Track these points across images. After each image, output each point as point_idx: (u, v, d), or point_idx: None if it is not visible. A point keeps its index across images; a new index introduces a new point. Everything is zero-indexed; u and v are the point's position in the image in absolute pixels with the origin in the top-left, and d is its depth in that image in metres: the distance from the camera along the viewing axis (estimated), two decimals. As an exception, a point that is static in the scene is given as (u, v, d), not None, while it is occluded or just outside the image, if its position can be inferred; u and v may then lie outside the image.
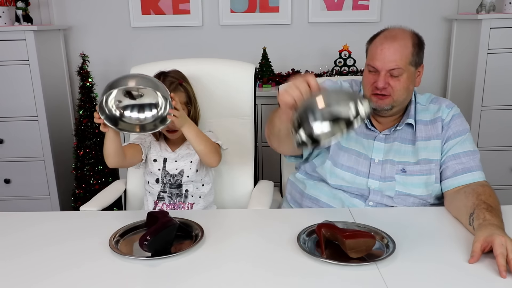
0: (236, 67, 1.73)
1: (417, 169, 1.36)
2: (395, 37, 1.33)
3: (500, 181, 2.53)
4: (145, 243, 1.04)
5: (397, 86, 1.33)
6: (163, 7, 2.72)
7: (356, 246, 1.01)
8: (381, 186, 1.36)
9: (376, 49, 1.34)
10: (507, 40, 2.35)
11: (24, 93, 2.40)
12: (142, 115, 1.31)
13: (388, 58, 1.31)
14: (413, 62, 1.34)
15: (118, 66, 2.77)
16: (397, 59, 1.31)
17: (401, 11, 2.71)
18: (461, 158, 1.35)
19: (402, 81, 1.33)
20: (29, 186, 2.53)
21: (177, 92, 1.47)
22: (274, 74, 2.67)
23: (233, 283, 0.95)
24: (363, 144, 1.40)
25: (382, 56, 1.32)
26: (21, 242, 1.14)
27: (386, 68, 1.32)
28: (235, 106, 1.71)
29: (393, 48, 1.32)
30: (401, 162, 1.37)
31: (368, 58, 1.38)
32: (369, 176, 1.37)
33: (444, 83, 2.85)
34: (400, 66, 1.31)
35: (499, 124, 2.46)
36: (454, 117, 1.41)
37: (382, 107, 1.36)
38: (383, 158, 1.38)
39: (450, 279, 0.94)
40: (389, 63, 1.31)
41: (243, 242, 1.13)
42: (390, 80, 1.33)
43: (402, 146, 1.39)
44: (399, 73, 1.32)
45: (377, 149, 1.39)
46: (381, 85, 1.32)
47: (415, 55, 1.35)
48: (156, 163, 1.54)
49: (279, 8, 2.73)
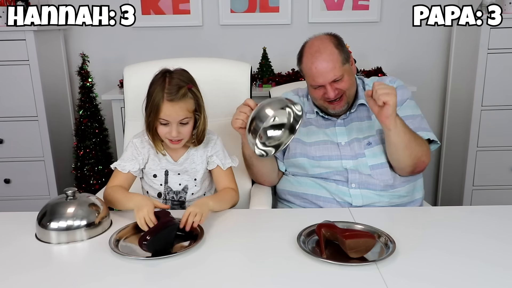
0: (232, 66, 1.74)
1: (378, 138, 1.49)
2: (319, 50, 1.44)
3: (500, 181, 2.53)
4: (144, 242, 1.04)
5: (345, 86, 1.45)
6: (163, 7, 2.72)
7: (356, 246, 1.01)
8: (355, 164, 1.47)
9: (310, 70, 1.45)
10: (507, 40, 2.35)
11: (24, 93, 2.40)
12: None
13: (325, 71, 1.42)
14: (344, 60, 1.45)
15: (118, 66, 2.76)
16: (332, 69, 1.42)
17: (401, 11, 2.71)
18: None
19: (345, 81, 1.45)
20: (29, 186, 2.53)
21: (186, 99, 1.30)
22: (274, 74, 2.67)
23: (233, 283, 0.95)
24: (326, 133, 1.54)
25: (319, 73, 1.43)
26: (22, 242, 1.14)
27: (328, 80, 1.43)
28: (231, 106, 1.70)
29: (324, 61, 1.42)
30: (365, 138, 1.50)
31: (308, 78, 1.49)
32: (341, 157, 1.48)
33: (444, 83, 2.85)
34: (339, 73, 1.43)
35: (499, 124, 2.46)
36: (397, 89, 1.43)
37: (340, 110, 1.50)
38: (348, 139, 1.51)
39: (450, 278, 0.94)
40: (328, 76, 1.43)
41: (243, 242, 1.13)
42: (336, 85, 1.44)
43: (361, 124, 1.52)
44: (340, 78, 1.44)
45: (340, 133, 1.53)
46: (333, 96, 1.45)
47: (342, 53, 1.45)
48: (157, 178, 1.41)
49: (279, 8, 2.72)
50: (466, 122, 2.52)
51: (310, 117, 1.58)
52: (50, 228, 1.13)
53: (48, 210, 1.16)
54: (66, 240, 1.13)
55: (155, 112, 1.29)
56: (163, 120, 1.30)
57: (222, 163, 1.42)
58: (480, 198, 2.54)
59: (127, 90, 1.70)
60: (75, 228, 1.13)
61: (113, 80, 2.78)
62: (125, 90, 1.72)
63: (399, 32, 2.76)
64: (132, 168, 1.39)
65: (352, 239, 1.01)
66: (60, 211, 1.15)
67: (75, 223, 1.14)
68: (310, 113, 1.59)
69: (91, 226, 1.16)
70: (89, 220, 1.16)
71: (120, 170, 1.39)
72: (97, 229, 1.17)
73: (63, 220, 1.13)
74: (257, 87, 2.62)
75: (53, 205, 1.17)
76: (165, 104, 1.28)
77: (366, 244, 1.02)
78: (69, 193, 1.18)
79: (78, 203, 1.17)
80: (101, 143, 2.62)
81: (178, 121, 1.30)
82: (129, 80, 1.71)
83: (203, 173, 1.43)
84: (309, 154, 1.52)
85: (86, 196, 1.22)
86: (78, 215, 1.15)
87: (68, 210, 1.15)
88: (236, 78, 1.70)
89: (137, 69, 1.72)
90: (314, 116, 1.58)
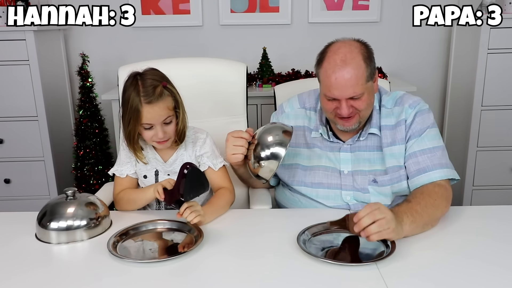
0: (227, 66, 1.74)
1: (388, 179, 1.32)
2: (344, 61, 1.24)
3: (500, 181, 2.53)
4: (188, 167, 1.14)
5: (361, 106, 1.27)
6: (163, 7, 2.72)
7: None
8: (355, 196, 1.33)
9: (329, 79, 1.25)
10: (507, 40, 2.35)
11: (24, 93, 2.40)
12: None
13: (345, 86, 1.23)
14: (368, 77, 1.26)
15: (118, 66, 2.74)
16: (353, 85, 1.23)
17: (401, 11, 2.71)
18: (417, 157, 1.29)
19: (364, 100, 1.27)
20: (29, 186, 2.53)
21: (164, 98, 1.26)
22: (274, 74, 2.67)
23: (233, 284, 0.95)
24: (329, 157, 1.38)
25: (338, 86, 1.24)
26: (22, 242, 1.14)
27: (345, 96, 1.25)
28: (227, 106, 1.71)
29: (347, 74, 1.23)
30: (371, 172, 1.33)
31: (323, 87, 1.29)
32: (341, 187, 1.34)
33: (444, 83, 2.85)
34: (359, 91, 1.24)
35: (499, 124, 2.46)
36: (416, 115, 1.33)
37: (350, 128, 1.32)
38: (352, 168, 1.35)
39: (450, 279, 0.94)
40: (347, 92, 1.24)
41: (243, 242, 1.13)
42: (352, 102, 1.27)
43: (370, 154, 1.35)
44: (359, 96, 1.26)
45: (344, 160, 1.36)
46: (346, 114, 1.27)
47: (368, 69, 1.26)
48: (147, 179, 1.39)
49: (279, 8, 2.72)
50: (466, 122, 2.52)
51: (315, 136, 1.41)
52: (50, 228, 1.13)
53: (48, 210, 1.16)
54: (66, 240, 1.13)
55: (136, 118, 1.25)
56: (146, 125, 1.26)
57: (213, 163, 1.39)
58: (480, 198, 2.54)
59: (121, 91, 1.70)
60: (75, 228, 1.13)
61: (113, 80, 2.77)
62: (119, 91, 1.71)
63: (399, 32, 2.76)
64: (129, 171, 1.38)
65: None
66: (60, 211, 1.15)
67: (75, 223, 1.14)
68: (315, 131, 1.41)
69: (91, 226, 1.16)
70: (89, 220, 1.16)
71: (119, 175, 1.39)
72: (97, 229, 1.17)
73: (63, 220, 1.13)
74: (257, 87, 2.62)
75: (53, 205, 1.17)
76: (144, 108, 1.23)
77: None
78: (69, 193, 1.18)
79: (78, 203, 1.17)
80: (101, 143, 2.62)
81: (162, 122, 1.26)
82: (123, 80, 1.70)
83: None
84: (305, 180, 1.39)
85: (86, 196, 1.22)
86: (78, 215, 1.15)
87: (68, 210, 1.15)
88: (232, 78, 1.70)
89: (132, 70, 1.72)
90: (319, 136, 1.40)
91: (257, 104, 2.48)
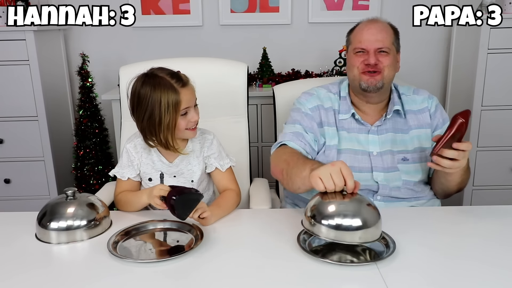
0: (228, 66, 1.73)
1: (417, 157, 1.42)
2: (376, 21, 1.43)
3: (500, 181, 2.53)
4: (173, 198, 1.13)
5: (386, 62, 1.39)
6: (163, 7, 2.72)
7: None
8: (387, 177, 1.39)
9: (361, 32, 1.41)
10: (507, 40, 2.35)
11: (24, 93, 2.40)
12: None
13: (375, 37, 1.39)
14: (395, 44, 1.43)
15: (118, 66, 2.73)
16: (383, 38, 1.39)
17: (401, 11, 2.71)
18: None
19: (390, 58, 1.40)
20: (29, 186, 2.53)
21: (188, 87, 1.30)
22: (274, 74, 2.67)
23: (233, 284, 0.95)
24: (359, 139, 1.44)
25: (368, 36, 1.39)
26: (22, 242, 1.14)
27: (375, 47, 1.39)
28: (228, 105, 1.71)
29: (378, 28, 1.40)
30: (400, 152, 1.42)
31: (354, 42, 1.43)
32: (372, 169, 1.40)
33: (444, 83, 2.85)
34: (387, 45, 1.39)
35: (499, 124, 2.46)
36: (437, 107, 1.49)
37: (374, 84, 1.40)
38: (380, 149, 1.42)
39: (450, 279, 0.94)
40: (377, 42, 1.39)
41: (243, 242, 1.13)
42: (379, 56, 1.39)
43: (396, 136, 1.44)
44: (386, 51, 1.40)
45: (373, 142, 1.43)
46: (373, 61, 1.38)
47: (395, 37, 1.44)
48: (152, 182, 1.39)
49: (279, 8, 2.73)
50: (466, 122, 2.51)
51: (343, 117, 1.46)
52: (50, 228, 1.13)
53: (48, 210, 1.16)
54: (66, 240, 1.13)
55: (175, 107, 1.26)
56: (183, 110, 1.28)
57: (220, 164, 1.41)
58: (480, 198, 2.54)
59: (123, 91, 1.70)
60: (75, 228, 1.13)
61: (113, 80, 2.78)
62: (121, 91, 1.71)
63: (399, 32, 2.75)
64: (130, 174, 1.39)
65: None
66: (60, 211, 1.15)
67: (75, 223, 1.14)
68: (343, 114, 1.47)
69: (91, 226, 1.16)
70: (89, 220, 1.15)
71: (120, 178, 1.39)
72: (97, 229, 1.17)
73: (63, 220, 1.13)
74: (257, 87, 2.63)
75: (53, 205, 1.17)
76: (182, 92, 1.27)
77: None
78: (69, 193, 1.18)
79: (78, 203, 1.17)
80: (101, 143, 2.62)
81: (194, 105, 1.32)
82: (125, 80, 1.70)
83: (200, 174, 1.40)
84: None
85: (86, 196, 1.22)
86: (78, 215, 1.15)
87: (68, 210, 1.15)
88: (233, 78, 1.70)
89: (133, 69, 1.72)
90: (348, 117, 1.46)
91: (257, 104, 2.48)
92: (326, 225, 1.00)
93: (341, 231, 0.99)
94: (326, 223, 1.00)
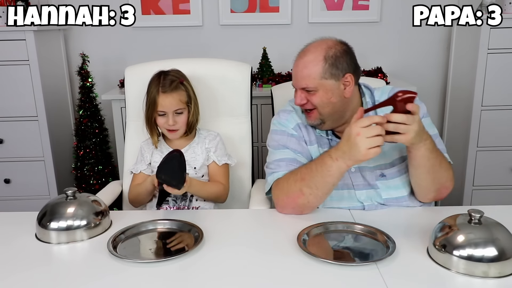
0: (232, 67, 1.73)
1: (396, 171, 1.33)
2: (305, 54, 1.30)
3: (500, 181, 2.53)
4: (159, 174, 1.24)
5: (315, 101, 1.29)
6: (163, 7, 2.72)
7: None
8: (369, 194, 1.32)
9: (294, 67, 1.33)
10: (507, 40, 2.35)
11: (24, 93, 2.40)
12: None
13: (300, 74, 1.29)
14: (327, 76, 1.27)
15: (118, 66, 2.76)
16: (307, 76, 1.27)
17: (401, 11, 2.71)
18: None
19: (318, 95, 1.28)
20: (29, 186, 2.53)
21: (178, 91, 1.48)
22: (274, 74, 2.67)
23: (233, 284, 0.95)
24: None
25: (295, 73, 1.31)
26: (22, 242, 1.14)
27: (299, 86, 1.30)
28: (231, 106, 1.71)
29: (304, 63, 1.29)
30: (377, 167, 1.33)
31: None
32: (354, 187, 1.33)
33: (444, 83, 2.85)
34: (310, 83, 1.27)
35: (499, 124, 2.46)
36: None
37: (311, 123, 1.34)
38: (357, 165, 1.30)
39: (450, 279, 0.94)
40: (300, 81, 1.29)
41: (243, 242, 1.13)
42: (308, 95, 1.29)
43: None
44: (312, 89, 1.28)
45: None
46: (298, 102, 1.31)
47: (327, 69, 1.26)
48: None
49: (279, 8, 2.72)
50: (466, 122, 2.52)
51: (320, 133, 1.39)
52: (50, 228, 1.13)
53: (48, 210, 1.16)
54: (66, 240, 1.13)
55: (153, 105, 1.47)
56: (160, 112, 1.47)
57: (218, 159, 1.53)
58: (480, 198, 2.54)
59: (128, 91, 1.71)
60: (75, 228, 1.13)
61: (113, 80, 2.78)
62: (126, 91, 1.71)
63: (399, 32, 2.76)
64: (142, 168, 1.55)
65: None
66: (60, 211, 1.15)
67: (75, 223, 1.14)
68: (320, 129, 1.39)
69: (91, 226, 1.16)
70: (89, 220, 1.15)
71: (135, 172, 1.56)
72: (97, 229, 1.17)
73: (63, 220, 1.13)
74: (257, 87, 2.63)
75: (53, 205, 1.17)
76: (160, 96, 1.46)
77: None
78: (69, 193, 1.18)
79: (78, 203, 1.17)
80: (101, 143, 2.62)
81: (173, 111, 1.47)
82: (130, 81, 1.71)
83: (202, 162, 1.53)
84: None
85: (86, 196, 1.22)
86: (78, 215, 1.15)
87: (68, 210, 1.15)
88: (236, 79, 1.70)
89: (138, 70, 1.73)
90: (324, 133, 1.39)
91: (257, 104, 2.48)
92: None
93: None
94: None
